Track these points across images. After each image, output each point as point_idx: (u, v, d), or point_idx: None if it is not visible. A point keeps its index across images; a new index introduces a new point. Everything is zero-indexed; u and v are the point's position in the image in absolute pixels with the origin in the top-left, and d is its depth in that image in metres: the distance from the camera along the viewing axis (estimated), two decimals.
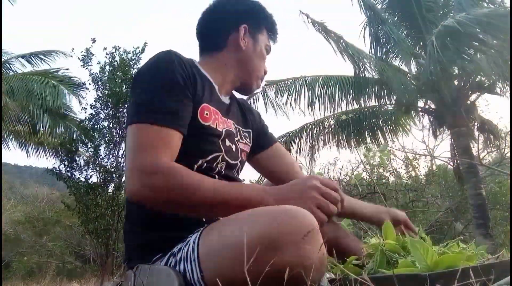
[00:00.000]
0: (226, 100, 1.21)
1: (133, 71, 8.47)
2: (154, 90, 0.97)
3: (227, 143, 1.12)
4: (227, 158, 1.11)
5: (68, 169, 8.45)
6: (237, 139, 1.18)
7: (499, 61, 5.53)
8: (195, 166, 1.04)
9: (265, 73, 1.26)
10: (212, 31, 1.22)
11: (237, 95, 1.32)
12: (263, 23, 1.24)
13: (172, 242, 0.97)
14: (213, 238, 0.87)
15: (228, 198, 0.90)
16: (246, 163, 1.30)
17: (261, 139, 1.32)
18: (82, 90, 9.06)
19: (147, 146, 0.90)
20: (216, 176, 1.09)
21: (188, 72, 1.03)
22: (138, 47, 8.70)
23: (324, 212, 0.88)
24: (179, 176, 0.89)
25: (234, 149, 1.15)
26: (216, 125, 1.09)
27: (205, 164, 1.06)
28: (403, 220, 1.30)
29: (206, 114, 1.06)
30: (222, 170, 1.11)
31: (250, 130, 1.28)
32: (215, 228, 0.90)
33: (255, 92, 1.30)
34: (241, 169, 1.23)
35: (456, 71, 6.18)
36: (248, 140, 1.25)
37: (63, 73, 9.14)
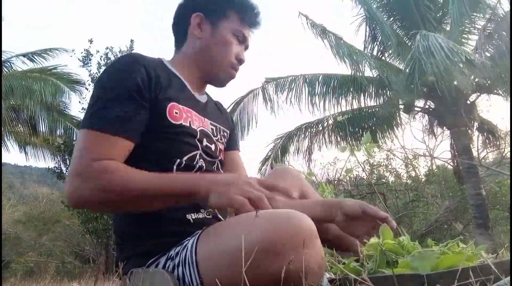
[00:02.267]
0: (201, 98, 1.17)
1: None
2: (106, 97, 0.95)
3: (205, 142, 1.09)
4: (205, 156, 1.09)
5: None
6: (216, 138, 1.16)
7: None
8: (174, 166, 1.02)
9: (241, 61, 1.16)
10: (175, 24, 1.18)
11: (214, 92, 1.28)
12: (228, 7, 1.13)
13: (165, 246, 0.96)
14: (212, 242, 0.86)
15: (161, 191, 0.87)
16: None
17: (227, 141, 1.27)
18: (81, 86, 9.04)
19: (86, 152, 0.89)
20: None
21: (149, 74, 0.99)
22: (131, 46, 8.74)
23: (250, 200, 0.83)
24: (109, 177, 0.86)
25: (213, 149, 1.12)
26: (190, 124, 1.05)
27: (184, 163, 1.03)
28: (361, 213, 1.08)
29: (176, 113, 1.03)
30: (204, 165, 1.08)
31: (229, 131, 1.25)
32: (213, 232, 0.89)
33: (229, 82, 1.17)
34: (222, 166, 1.18)
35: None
36: (225, 139, 1.23)
37: (61, 70, 9.10)
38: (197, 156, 1.06)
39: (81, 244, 12.63)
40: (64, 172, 8.55)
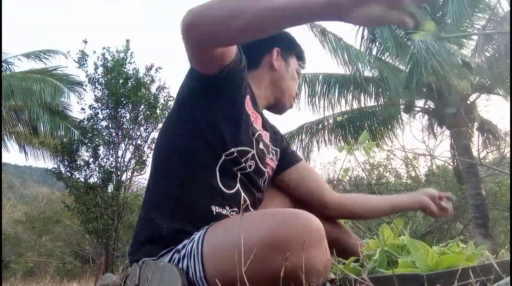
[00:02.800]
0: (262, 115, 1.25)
1: (128, 71, 8.52)
2: None
3: (260, 146, 1.12)
4: (258, 160, 1.11)
5: (68, 169, 8.48)
6: (271, 154, 1.19)
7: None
8: (223, 155, 1.03)
9: (296, 95, 1.34)
10: (247, 52, 1.24)
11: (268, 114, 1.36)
12: (293, 50, 1.33)
13: (182, 237, 0.96)
14: (219, 236, 0.87)
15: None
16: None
17: (286, 157, 1.31)
18: (81, 87, 9.03)
19: None
20: (239, 174, 1.07)
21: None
22: (127, 46, 8.73)
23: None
24: None
25: (265, 156, 1.15)
26: (253, 122, 1.11)
27: (234, 154, 1.04)
28: (437, 195, 1.38)
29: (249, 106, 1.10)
30: (252, 168, 1.09)
31: (278, 150, 1.28)
32: (221, 226, 0.90)
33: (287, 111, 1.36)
34: (267, 183, 1.21)
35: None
36: (275, 157, 1.25)
37: (62, 71, 9.10)
38: (250, 155, 1.08)
39: (81, 244, 12.63)
40: (63, 172, 8.54)
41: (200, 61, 0.96)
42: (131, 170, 8.75)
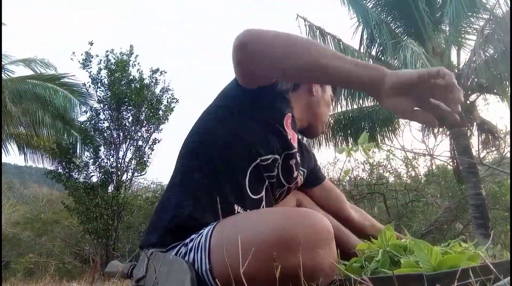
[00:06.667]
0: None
1: (132, 72, 8.56)
2: None
3: (292, 162, 1.16)
4: (283, 173, 1.15)
5: (66, 170, 8.47)
6: (296, 169, 1.22)
7: None
8: (258, 159, 1.06)
9: (329, 121, 1.33)
10: None
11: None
12: None
13: (198, 227, 0.95)
14: (227, 232, 0.87)
15: (327, 60, 0.82)
16: None
17: (313, 177, 1.39)
18: (91, 99, 9.08)
19: None
20: (267, 181, 1.10)
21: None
22: (131, 51, 8.77)
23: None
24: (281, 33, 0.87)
25: (292, 172, 1.18)
26: (291, 139, 1.14)
27: (268, 161, 1.08)
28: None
29: (289, 123, 1.13)
30: (278, 178, 1.13)
31: (305, 170, 1.33)
32: (230, 223, 0.90)
33: (319, 135, 1.48)
34: (284, 196, 1.24)
35: None
36: (301, 177, 1.29)
37: (70, 80, 9.14)
38: (280, 166, 1.12)
39: (80, 244, 12.61)
40: (62, 173, 8.53)
41: (243, 77, 1.00)
42: (131, 170, 8.76)
